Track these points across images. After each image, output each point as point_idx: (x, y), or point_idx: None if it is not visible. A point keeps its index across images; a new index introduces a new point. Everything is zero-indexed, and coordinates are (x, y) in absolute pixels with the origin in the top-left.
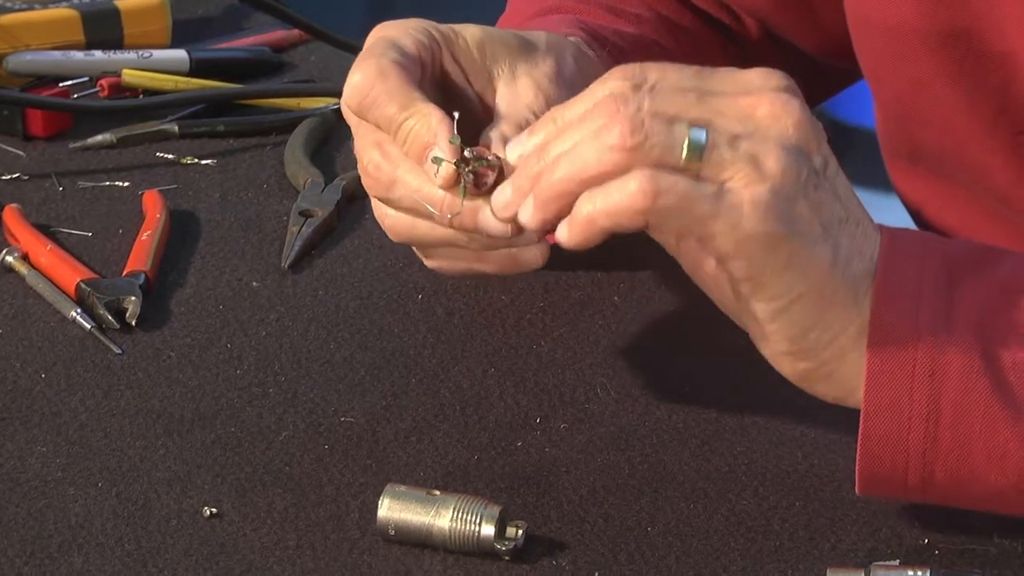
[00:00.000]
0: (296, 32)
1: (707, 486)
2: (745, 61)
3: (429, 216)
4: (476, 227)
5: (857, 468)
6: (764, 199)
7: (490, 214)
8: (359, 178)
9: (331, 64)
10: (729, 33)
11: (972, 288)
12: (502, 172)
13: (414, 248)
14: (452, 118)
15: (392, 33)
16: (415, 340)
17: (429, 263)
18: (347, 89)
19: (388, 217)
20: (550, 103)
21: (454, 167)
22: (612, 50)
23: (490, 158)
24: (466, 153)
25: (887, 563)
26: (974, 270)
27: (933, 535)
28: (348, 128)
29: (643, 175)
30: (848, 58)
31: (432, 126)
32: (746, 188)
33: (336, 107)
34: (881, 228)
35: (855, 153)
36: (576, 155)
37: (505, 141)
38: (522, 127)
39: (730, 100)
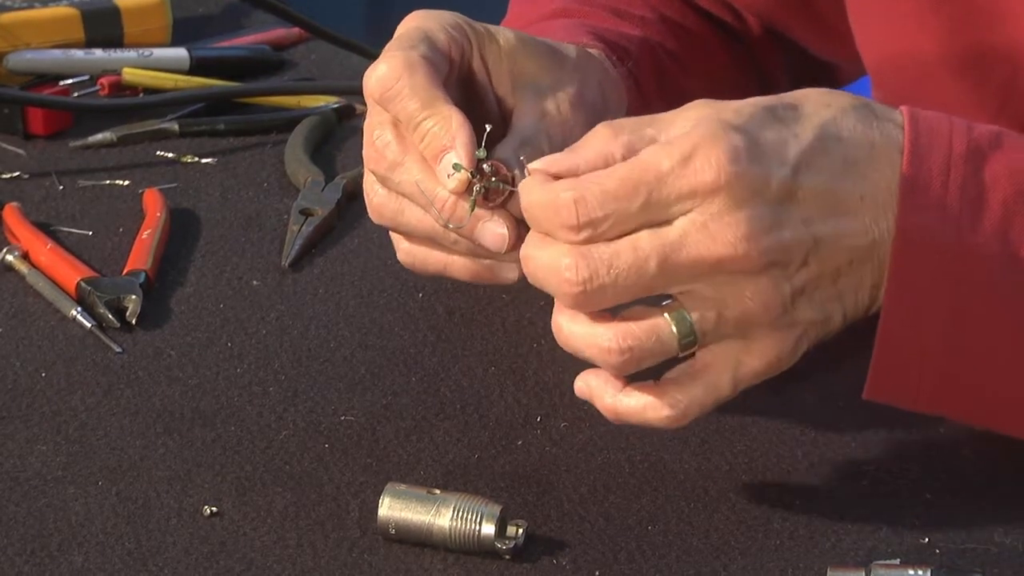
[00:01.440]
0: (296, 30)
1: (707, 485)
2: (749, 59)
3: (424, 207)
4: (472, 234)
5: (874, 354)
6: (761, 358)
7: (491, 226)
8: (359, 177)
9: (331, 62)
10: (732, 32)
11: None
12: (514, 192)
13: (391, 235)
14: (484, 129)
15: (427, 24)
16: (415, 339)
17: (401, 255)
18: (372, 77)
19: (377, 196)
20: (568, 130)
21: (468, 177)
22: (620, 55)
23: (506, 176)
24: (484, 167)
25: (887, 562)
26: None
27: (934, 534)
28: (349, 127)
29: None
30: (850, 55)
31: (451, 130)
32: (743, 354)
33: (336, 106)
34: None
35: None
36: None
37: (519, 162)
38: (538, 152)
39: (689, 255)
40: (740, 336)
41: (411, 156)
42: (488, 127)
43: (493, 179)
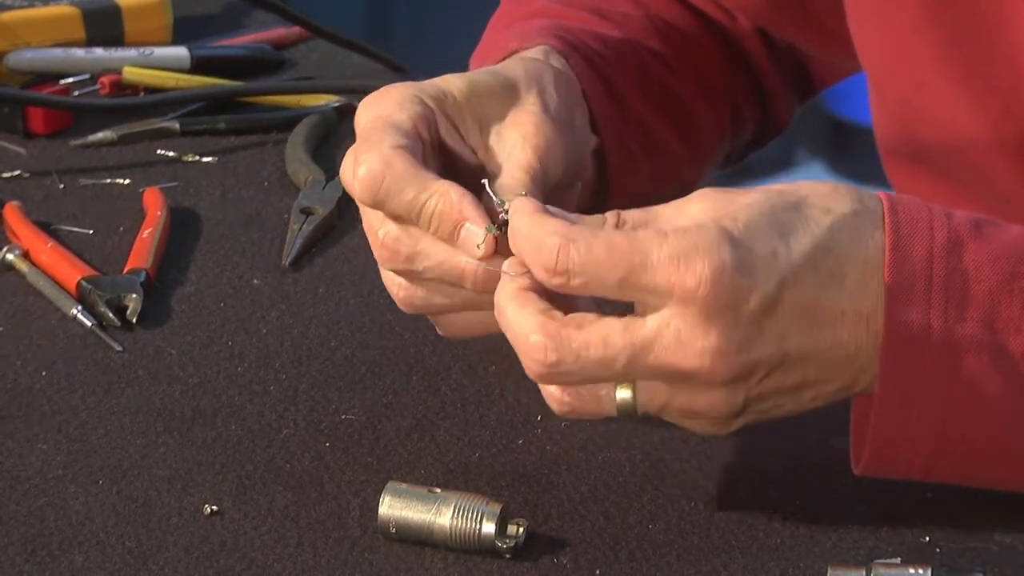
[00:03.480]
0: (297, 30)
1: (708, 484)
2: (740, 57)
3: (457, 285)
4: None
5: (867, 450)
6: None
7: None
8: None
9: (332, 61)
10: (722, 29)
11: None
12: None
13: (431, 318)
14: (481, 183)
15: (385, 111)
16: (416, 338)
17: (443, 331)
18: (355, 185)
19: (403, 290)
20: (540, 151)
21: (494, 237)
22: (589, 55)
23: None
24: (501, 214)
25: (888, 561)
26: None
27: (934, 533)
28: (349, 126)
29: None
30: (848, 53)
31: (455, 202)
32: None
33: (337, 104)
34: (885, 224)
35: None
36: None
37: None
38: (517, 190)
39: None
40: (680, 417)
41: (424, 241)
42: (485, 181)
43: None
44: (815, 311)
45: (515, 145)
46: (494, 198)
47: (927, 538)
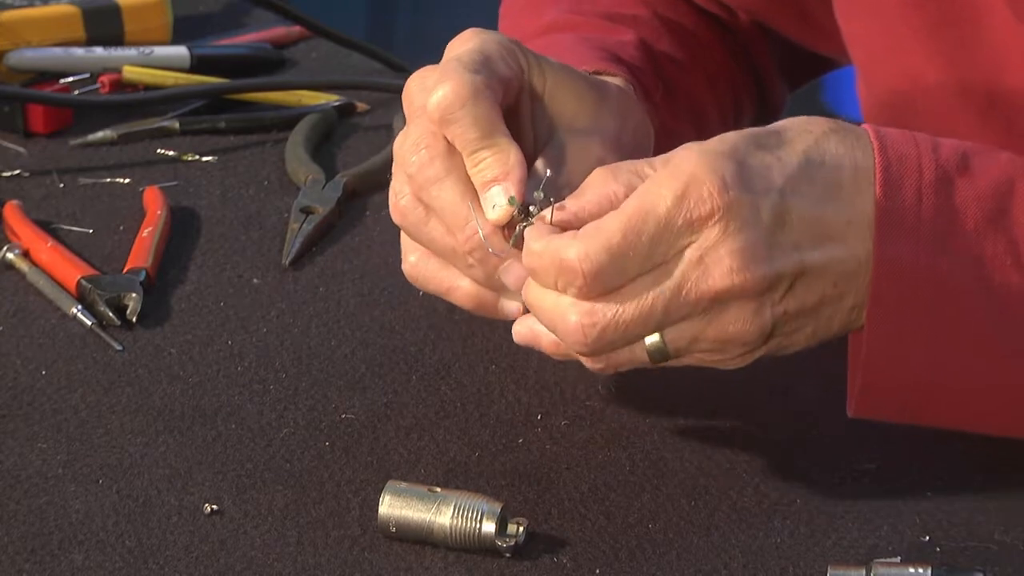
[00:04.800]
0: (297, 29)
1: (708, 483)
2: (743, 53)
3: (450, 227)
4: (497, 268)
5: (858, 385)
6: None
7: (518, 268)
8: (360, 175)
9: (332, 61)
10: (725, 27)
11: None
12: None
13: (402, 244)
14: (538, 170)
15: (488, 47)
16: (416, 337)
17: (407, 267)
18: (434, 98)
19: (405, 199)
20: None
21: (512, 212)
22: (636, 75)
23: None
24: (531, 208)
25: (888, 560)
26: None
27: (934, 532)
28: (349, 125)
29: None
30: (839, 51)
31: (508, 164)
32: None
33: (337, 104)
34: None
35: None
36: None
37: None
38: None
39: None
40: (710, 349)
41: (455, 176)
42: (548, 172)
43: (530, 222)
44: (821, 222)
45: (584, 158)
46: (539, 194)
47: (927, 537)
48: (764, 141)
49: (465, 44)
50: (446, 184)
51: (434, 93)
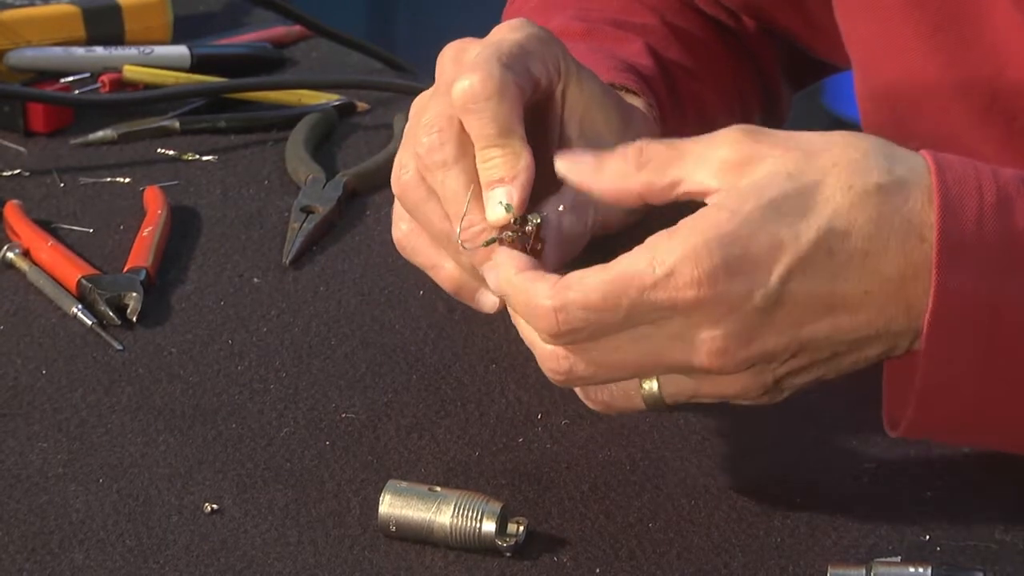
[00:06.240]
0: (297, 28)
1: (708, 482)
2: (748, 58)
3: (450, 215)
4: (482, 264)
5: (911, 411)
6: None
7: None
8: (360, 174)
9: (332, 60)
10: (730, 32)
11: None
12: (542, 251)
13: (394, 210)
14: (546, 187)
15: (528, 44)
16: (416, 336)
17: (397, 234)
18: (464, 82)
19: (408, 174)
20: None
21: (510, 218)
22: (649, 84)
23: (537, 244)
24: (529, 217)
25: (888, 560)
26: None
27: (934, 532)
28: (350, 124)
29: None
30: (839, 53)
31: (516, 168)
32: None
33: (338, 103)
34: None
35: None
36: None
37: (558, 224)
38: (580, 222)
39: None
40: (712, 402)
41: (462, 165)
42: (561, 207)
43: (524, 233)
44: (830, 299)
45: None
46: (537, 217)
47: (927, 536)
48: (789, 205)
49: (511, 33)
50: (452, 172)
51: (460, 80)
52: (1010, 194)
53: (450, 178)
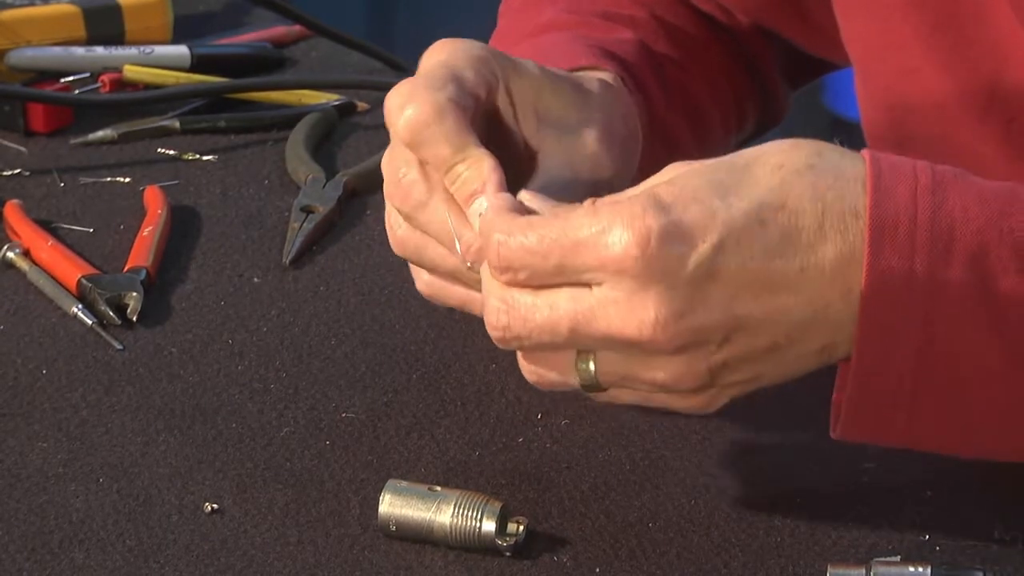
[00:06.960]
0: (297, 28)
1: (708, 483)
2: (741, 55)
3: (447, 247)
4: None
5: (846, 397)
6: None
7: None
8: (361, 174)
9: (333, 60)
10: (724, 28)
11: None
12: None
13: (411, 267)
14: (516, 174)
15: (454, 60)
16: (416, 336)
17: (421, 286)
18: (400, 120)
19: (401, 230)
20: (597, 168)
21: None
22: (632, 72)
23: None
24: None
25: (888, 559)
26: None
27: (934, 532)
28: (350, 124)
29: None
30: (838, 53)
31: (483, 174)
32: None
33: (338, 103)
34: (866, 170)
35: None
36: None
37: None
38: (569, 193)
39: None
40: (648, 391)
41: (437, 196)
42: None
43: None
44: (765, 275)
45: (574, 158)
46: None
47: (927, 536)
48: (724, 180)
49: (433, 58)
50: (430, 206)
51: (399, 119)
52: (946, 179)
53: (431, 212)
